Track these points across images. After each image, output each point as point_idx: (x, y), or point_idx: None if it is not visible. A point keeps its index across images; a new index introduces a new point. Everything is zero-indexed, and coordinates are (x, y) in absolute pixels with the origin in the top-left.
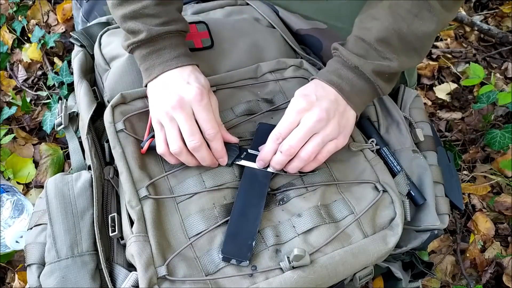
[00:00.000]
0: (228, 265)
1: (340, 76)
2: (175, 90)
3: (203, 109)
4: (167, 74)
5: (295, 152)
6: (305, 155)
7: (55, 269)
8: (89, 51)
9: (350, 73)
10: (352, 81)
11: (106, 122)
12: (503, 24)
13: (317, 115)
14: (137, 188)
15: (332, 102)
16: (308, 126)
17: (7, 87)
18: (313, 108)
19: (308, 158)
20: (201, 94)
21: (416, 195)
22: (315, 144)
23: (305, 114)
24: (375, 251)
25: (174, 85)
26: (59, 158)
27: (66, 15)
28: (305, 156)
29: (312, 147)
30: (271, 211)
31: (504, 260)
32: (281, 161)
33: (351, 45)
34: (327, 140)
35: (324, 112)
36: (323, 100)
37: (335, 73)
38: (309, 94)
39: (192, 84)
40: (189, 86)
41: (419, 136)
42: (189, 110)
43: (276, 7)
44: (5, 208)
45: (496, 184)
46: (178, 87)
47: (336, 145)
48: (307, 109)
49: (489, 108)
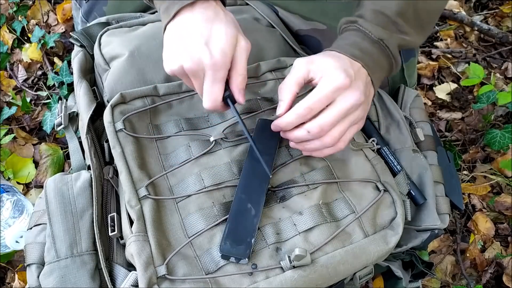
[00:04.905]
0: (228, 263)
1: (362, 50)
2: (193, 47)
3: (213, 81)
4: (188, 15)
5: (323, 135)
6: (330, 140)
7: (55, 269)
8: (89, 51)
9: (371, 47)
10: (374, 56)
11: (106, 122)
12: (503, 24)
13: (356, 98)
14: (137, 187)
15: (365, 84)
16: (345, 109)
17: (7, 87)
18: (352, 89)
19: (331, 144)
20: (219, 64)
21: (416, 194)
22: (342, 129)
23: (343, 93)
24: (375, 251)
25: (193, 37)
26: (59, 158)
27: (66, 15)
28: (329, 142)
29: (339, 133)
30: (272, 208)
31: (504, 260)
32: (304, 139)
33: (371, 17)
34: (352, 125)
35: (362, 95)
36: (359, 80)
37: (356, 47)
38: (348, 70)
39: (213, 46)
40: (208, 49)
41: (419, 136)
42: (202, 77)
43: (276, 7)
44: (5, 208)
45: (496, 184)
46: (197, 43)
47: (356, 130)
48: (346, 87)
49: (489, 108)
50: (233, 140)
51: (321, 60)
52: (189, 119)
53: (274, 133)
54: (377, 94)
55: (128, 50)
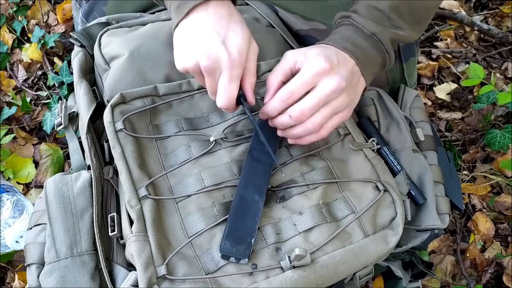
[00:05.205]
0: (228, 263)
1: (354, 44)
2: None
3: (230, 79)
4: (203, 14)
5: (304, 120)
6: (311, 126)
7: (55, 269)
8: (89, 51)
9: (363, 41)
10: (366, 50)
11: (106, 122)
12: (503, 24)
13: (337, 83)
14: (137, 187)
15: (350, 72)
16: (324, 93)
17: (7, 87)
18: (333, 74)
19: (313, 130)
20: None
21: (416, 194)
22: (324, 116)
23: (324, 78)
24: (375, 251)
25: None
26: (59, 158)
27: (66, 15)
28: (311, 127)
29: (321, 118)
30: (272, 208)
31: (504, 260)
32: (286, 124)
33: (364, 12)
34: (335, 113)
35: (344, 81)
36: (342, 67)
37: (348, 41)
38: (330, 57)
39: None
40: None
41: (419, 136)
42: (217, 75)
43: (276, 7)
44: (5, 208)
45: (496, 184)
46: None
47: (341, 119)
48: (327, 72)
49: (489, 108)
50: (233, 140)
51: (307, 50)
52: (189, 119)
53: (274, 133)
54: (377, 94)
55: (128, 50)
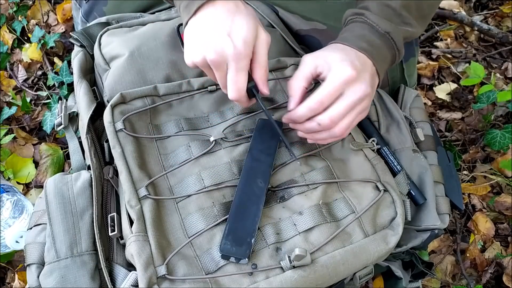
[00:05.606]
0: (228, 263)
1: (369, 43)
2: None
3: (237, 70)
4: (210, 10)
5: (333, 127)
6: (338, 131)
7: (55, 269)
8: (89, 51)
9: (377, 39)
10: (380, 49)
11: (106, 122)
12: (503, 24)
13: (363, 90)
14: (137, 187)
15: (371, 76)
16: (352, 101)
17: (7, 87)
18: (360, 81)
19: (339, 135)
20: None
21: (416, 194)
22: (350, 121)
23: (351, 86)
24: (375, 251)
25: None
26: (59, 158)
27: (66, 15)
28: (337, 133)
29: (347, 124)
30: (272, 208)
31: (504, 260)
32: (313, 130)
33: (377, 10)
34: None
35: (369, 88)
36: (365, 73)
37: (363, 39)
38: (354, 62)
39: (235, 36)
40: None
41: (420, 136)
42: (225, 68)
43: (276, 7)
44: (5, 208)
45: (496, 184)
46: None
47: (360, 119)
48: (354, 80)
49: (489, 108)
50: (233, 140)
51: (327, 54)
52: (189, 119)
53: (274, 133)
54: (377, 94)
55: (128, 50)
